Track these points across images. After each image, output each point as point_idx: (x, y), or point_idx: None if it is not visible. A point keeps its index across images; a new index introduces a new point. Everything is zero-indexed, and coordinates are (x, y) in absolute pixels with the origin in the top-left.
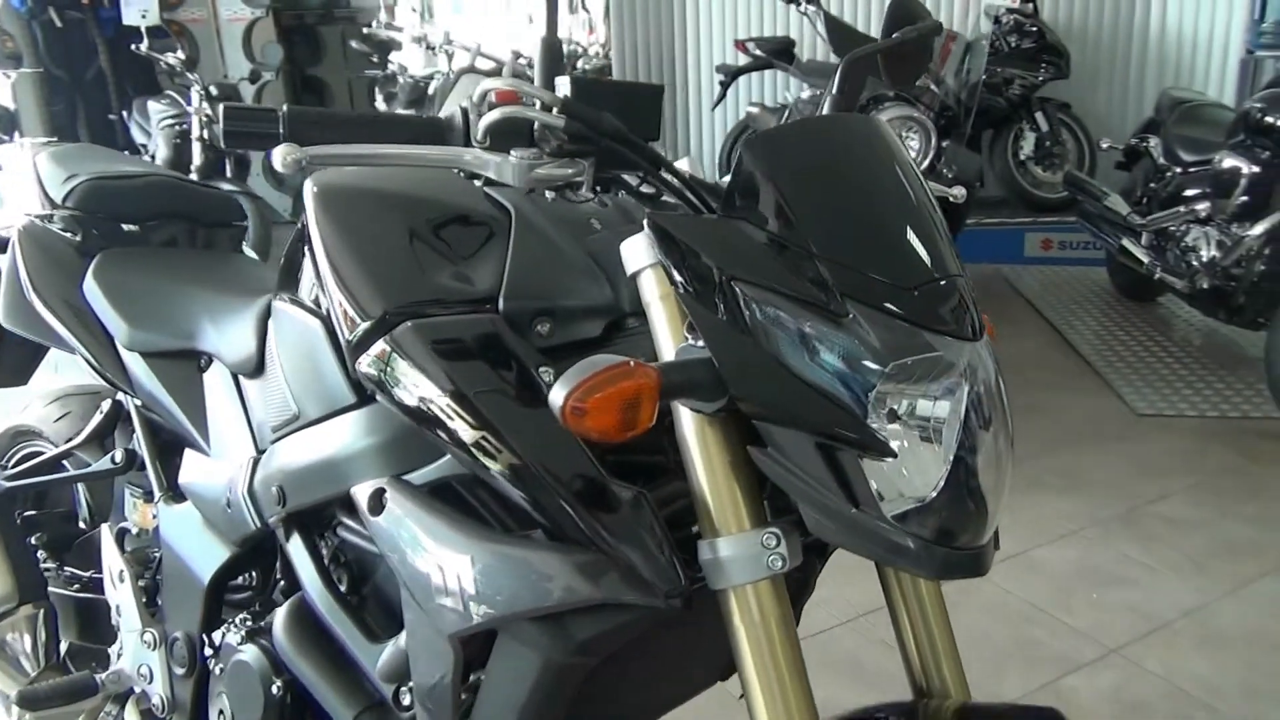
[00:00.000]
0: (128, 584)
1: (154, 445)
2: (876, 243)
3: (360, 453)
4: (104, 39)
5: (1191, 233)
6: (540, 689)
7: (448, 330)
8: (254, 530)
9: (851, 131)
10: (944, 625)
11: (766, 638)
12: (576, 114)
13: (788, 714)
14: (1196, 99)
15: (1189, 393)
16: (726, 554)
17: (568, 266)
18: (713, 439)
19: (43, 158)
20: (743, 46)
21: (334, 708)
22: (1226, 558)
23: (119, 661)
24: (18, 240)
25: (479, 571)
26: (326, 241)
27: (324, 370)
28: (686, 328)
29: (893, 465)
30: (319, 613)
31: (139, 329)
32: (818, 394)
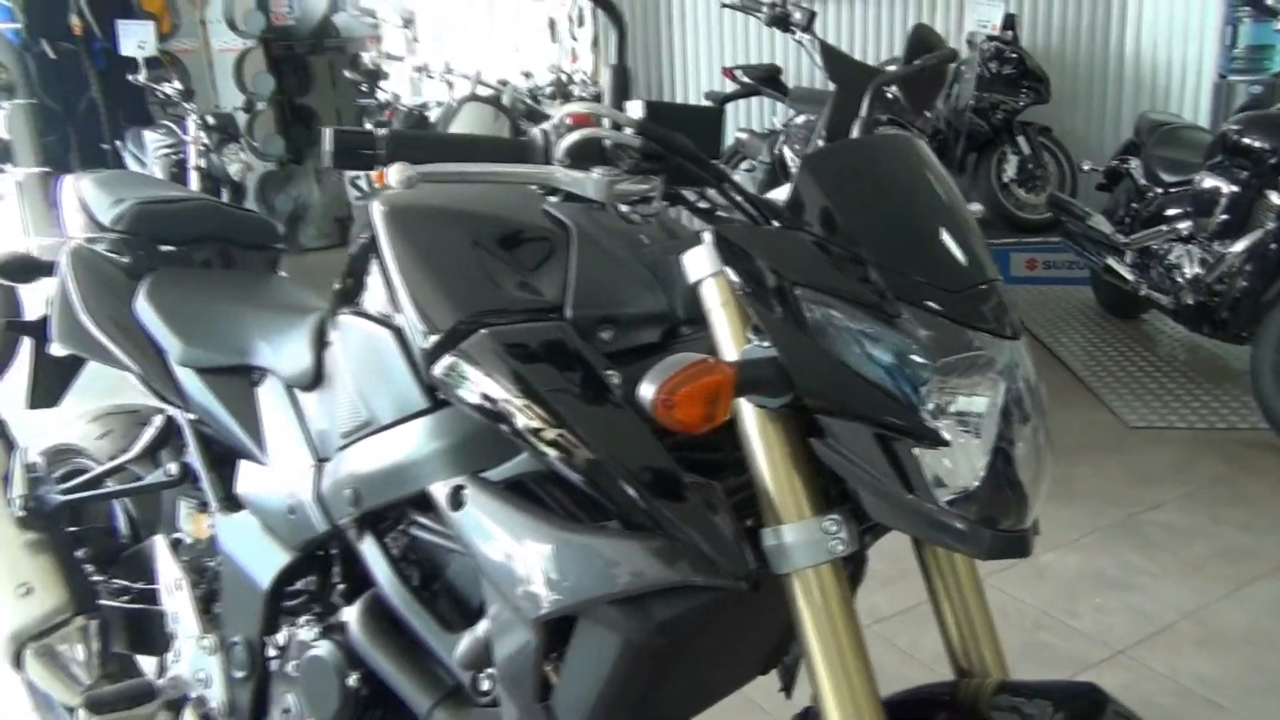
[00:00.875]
0: (185, 592)
1: (207, 458)
2: (923, 249)
3: (436, 453)
4: (96, 70)
5: (1175, 251)
6: (620, 669)
7: (520, 337)
8: (319, 534)
9: (896, 149)
10: (982, 608)
11: (829, 618)
12: (652, 134)
13: (850, 689)
14: (1175, 122)
15: (1178, 405)
16: (790, 540)
17: (628, 277)
18: (774, 433)
19: (86, 184)
20: (730, 74)
21: (411, 697)
22: (1223, 562)
23: (175, 667)
24: (68, 262)
25: (561, 559)
26: (398, 257)
27: (396, 377)
28: (750, 330)
29: (940, 455)
30: (393, 607)
31: (192, 346)
32: (874, 388)
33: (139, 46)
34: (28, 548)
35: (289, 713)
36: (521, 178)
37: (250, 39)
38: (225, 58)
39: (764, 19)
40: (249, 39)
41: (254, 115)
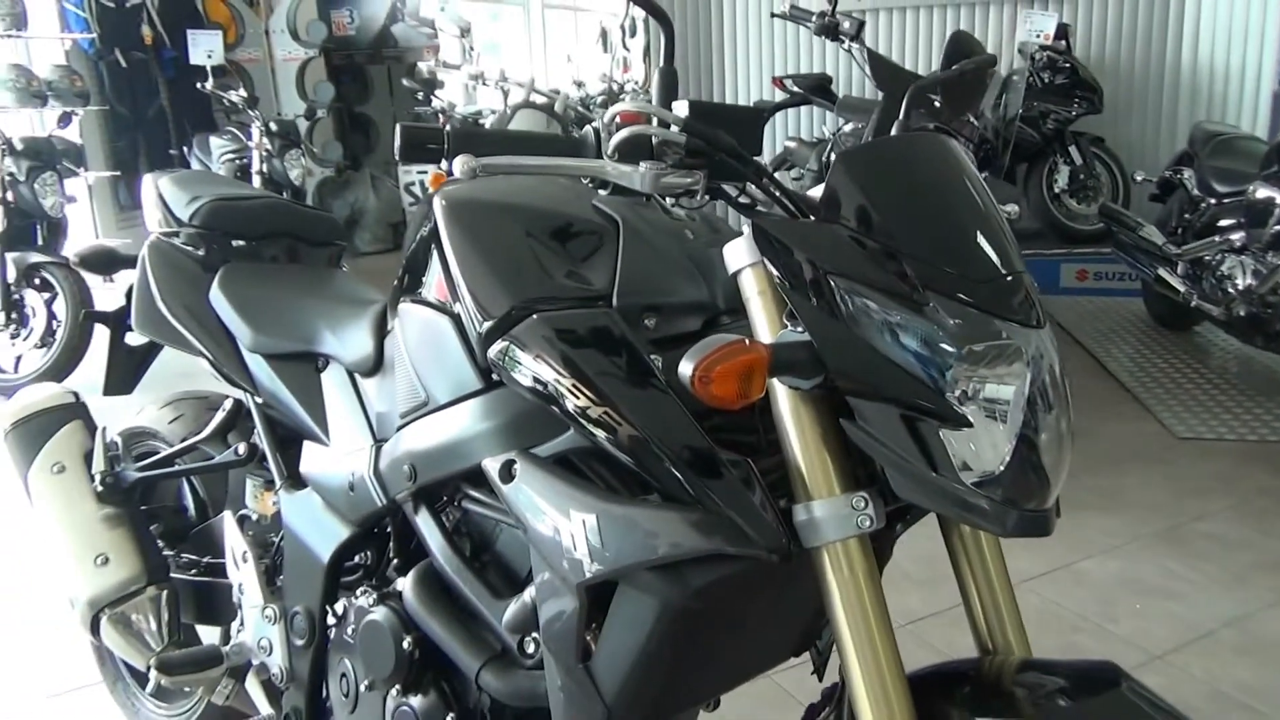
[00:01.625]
0: (251, 564)
1: (273, 438)
2: (952, 243)
3: (489, 430)
4: (165, 78)
5: (1227, 261)
6: (657, 631)
7: (569, 322)
8: (377, 508)
9: (928, 148)
10: (1006, 587)
11: (856, 591)
12: (696, 132)
13: (875, 660)
14: (1229, 132)
15: (1228, 417)
16: (820, 514)
17: (671, 269)
18: (806, 414)
19: (165, 182)
20: (780, 83)
21: (461, 659)
22: (1268, 573)
23: (240, 635)
24: (147, 255)
25: (604, 528)
26: (456, 247)
27: (452, 360)
28: (786, 316)
29: (966, 439)
30: (446, 575)
31: (262, 334)
32: (903, 372)
33: (207, 55)
34: (105, 521)
35: (346, 677)
36: (574, 170)
37: (312, 49)
38: (288, 67)
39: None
40: (311, 49)
41: (314, 123)
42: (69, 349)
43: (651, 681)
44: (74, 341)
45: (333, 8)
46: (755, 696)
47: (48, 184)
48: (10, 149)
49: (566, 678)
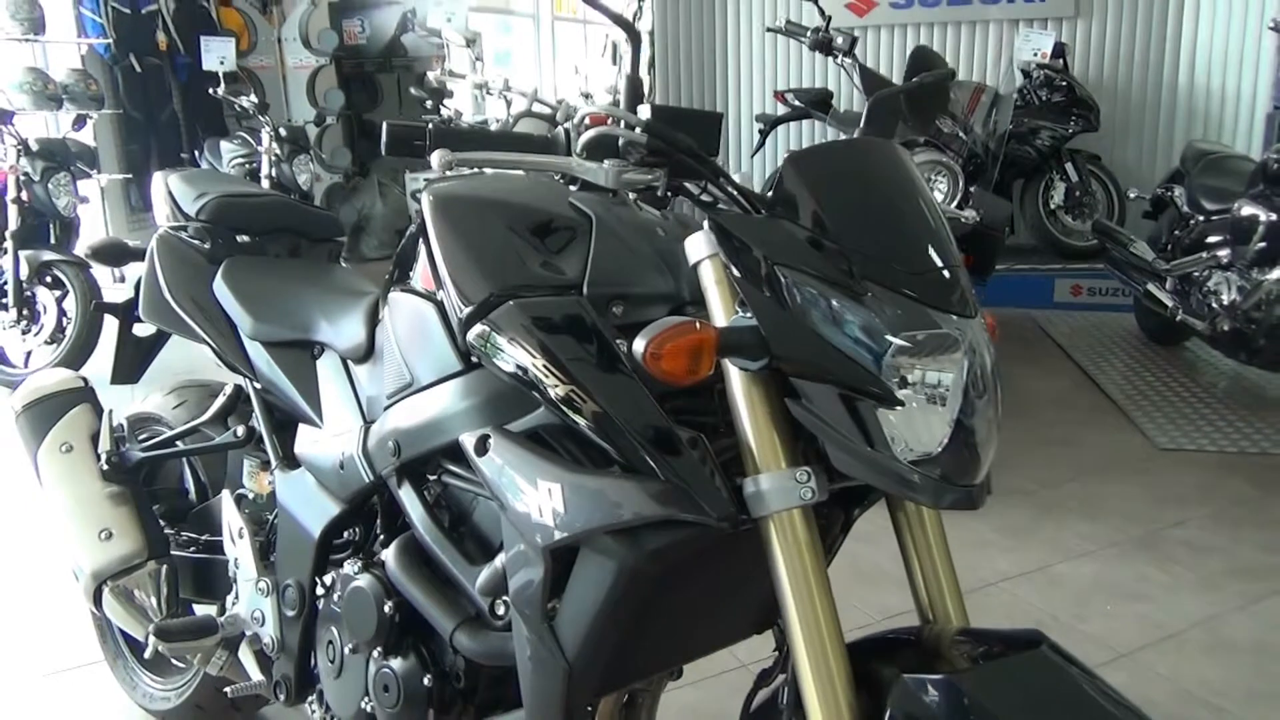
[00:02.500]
0: (246, 540)
1: (270, 422)
2: (892, 238)
3: (467, 408)
4: (178, 84)
5: (1213, 278)
6: (615, 591)
7: (542, 309)
8: (365, 485)
9: (872, 150)
10: (946, 560)
11: (799, 558)
12: (657, 133)
13: (815, 622)
14: (1220, 151)
15: (1210, 429)
16: (766, 487)
17: (639, 261)
18: (755, 394)
19: (174, 179)
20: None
21: (438, 621)
22: (1238, 578)
23: (235, 607)
24: (156, 248)
25: (568, 496)
26: (441, 239)
27: (435, 344)
28: (738, 304)
29: (905, 421)
30: (426, 544)
31: (262, 323)
32: (842, 355)
33: (220, 61)
34: (110, 498)
35: (332, 644)
36: (544, 166)
37: (323, 57)
38: (299, 74)
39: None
40: (322, 57)
41: (323, 129)
42: (78, 345)
43: (609, 640)
44: (83, 337)
45: (344, 17)
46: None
47: (61, 184)
48: (26, 149)
49: (532, 636)
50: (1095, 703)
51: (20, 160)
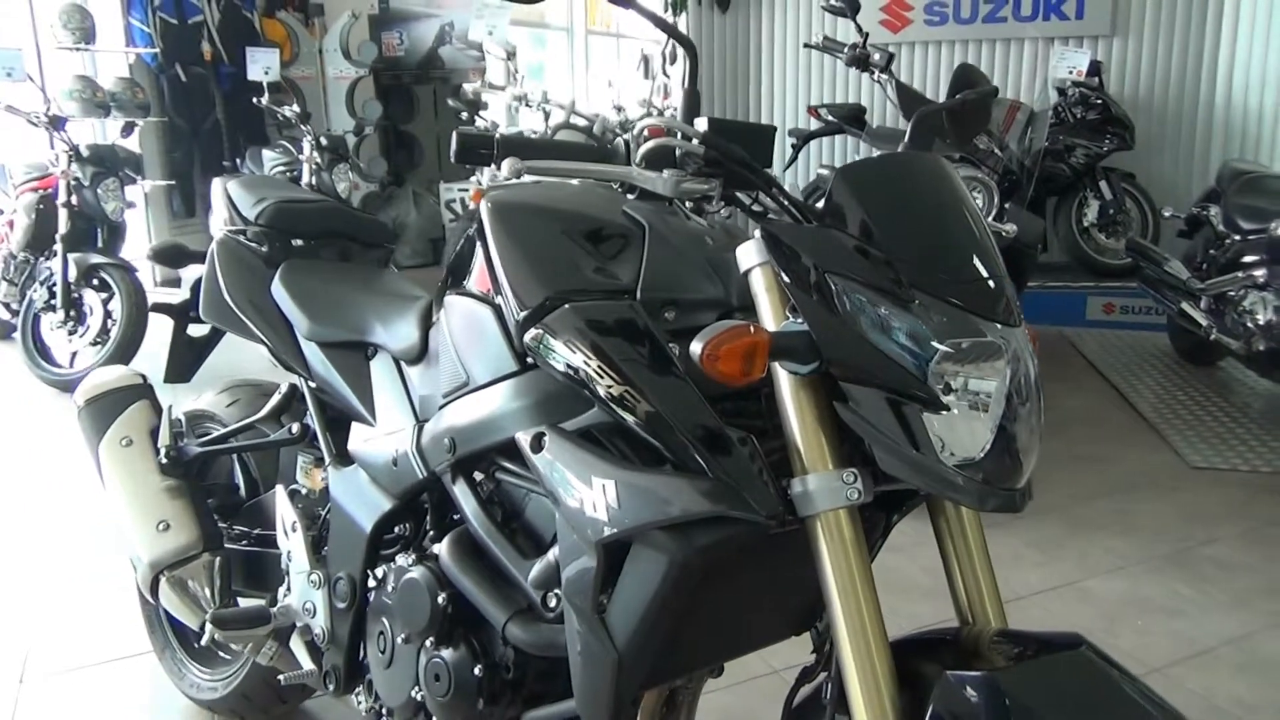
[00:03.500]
0: (299, 534)
1: (324, 419)
2: (940, 249)
3: (522, 407)
4: (221, 93)
5: (1249, 297)
6: (665, 585)
7: (597, 312)
8: (418, 481)
9: (919, 165)
10: (985, 562)
11: (844, 557)
12: (713, 144)
13: (860, 621)
14: (1257, 170)
15: (1243, 449)
16: (814, 487)
17: (691, 268)
18: (804, 397)
19: (233, 185)
20: (815, 112)
21: (490, 612)
22: (1270, 597)
23: (287, 599)
24: (216, 250)
25: (621, 493)
26: (499, 244)
27: (491, 345)
28: (789, 310)
29: (949, 426)
30: (479, 538)
31: (318, 324)
32: (890, 361)
33: (264, 72)
34: (167, 491)
35: (383, 635)
36: (606, 175)
37: (363, 68)
38: (339, 85)
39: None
40: (361, 68)
41: (361, 139)
42: (123, 345)
43: (658, 633)
44: (128, 338)
45: (384, 29)
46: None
47: (110, 189)
48: (77, 155)
49: (583, 628)
50: (1135, 703)
51: (71, 165)
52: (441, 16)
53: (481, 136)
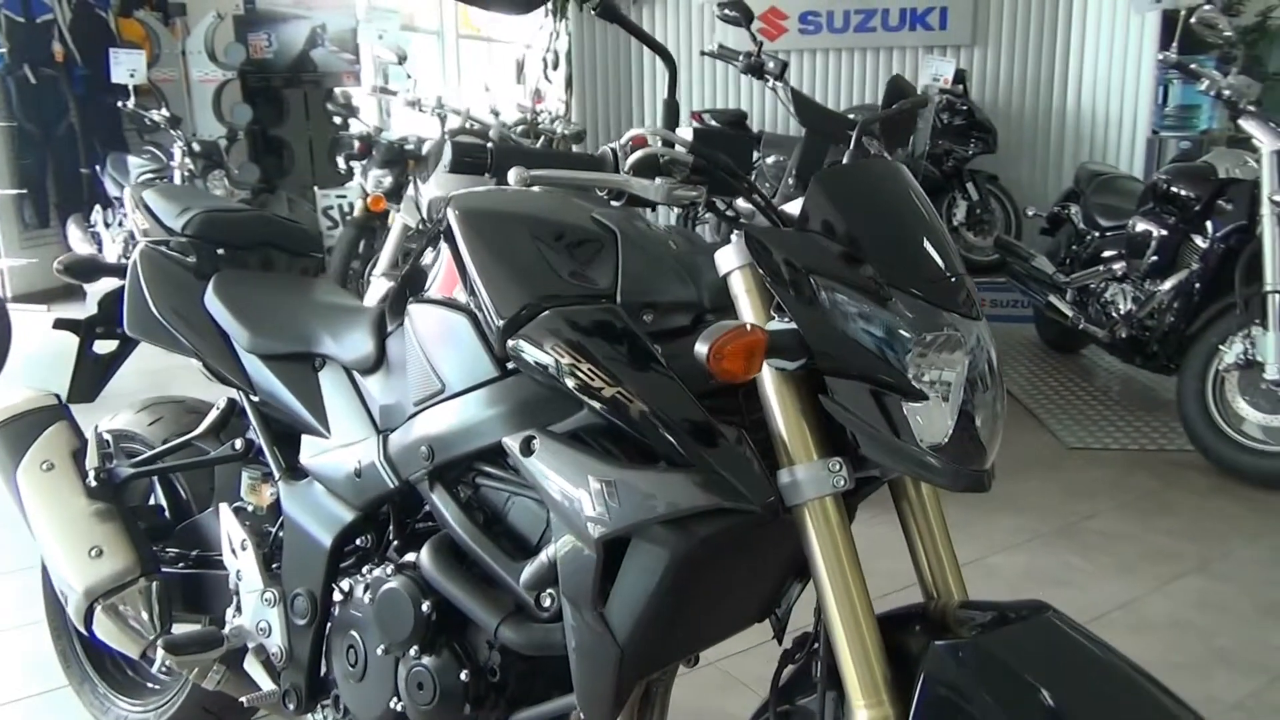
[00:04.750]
0: (250, 552)
1: (269, 434)
2: (908, 248)
3: (506, 412)
4: (75, 96)
5: (1110, 289)
6: (666, 578)
7: (582, 316)
8: (387, 490)
9: (884, 170)
10: (947, 543)
11: (833, 543)
12: (701, 153)
13: (849, 600)
14: (1111, 172)
15: (1113, 429)
16: (802, 476)
17: (665, 272)
18: (788, 392)
19: (150, 194)
20: (698, 117)
21: (481, 617)
22: (1151, 562)
23: (237, 620)
24: (139, 262)
25: (620, 490)
26: (473, 251)
27: (468, 352)
28: (773, 308)
29: (920, 414)
30: (464, 543)
31: (260, 336)
32: (871, 354)
33: (129, 74)
34: (97, 515)
35: (354, 649)
36: (604, 183)
37: (230, 70)
38: (204, 88)
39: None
40: (228, 70)
41: (230, 144)
42: None
43: (658, 624)
44: None
45: (251, 31)
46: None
47: None
48: None
49: (584, 624)
50: (1104, 659)
51: None
52: (312, 18)
53: (475, 147)
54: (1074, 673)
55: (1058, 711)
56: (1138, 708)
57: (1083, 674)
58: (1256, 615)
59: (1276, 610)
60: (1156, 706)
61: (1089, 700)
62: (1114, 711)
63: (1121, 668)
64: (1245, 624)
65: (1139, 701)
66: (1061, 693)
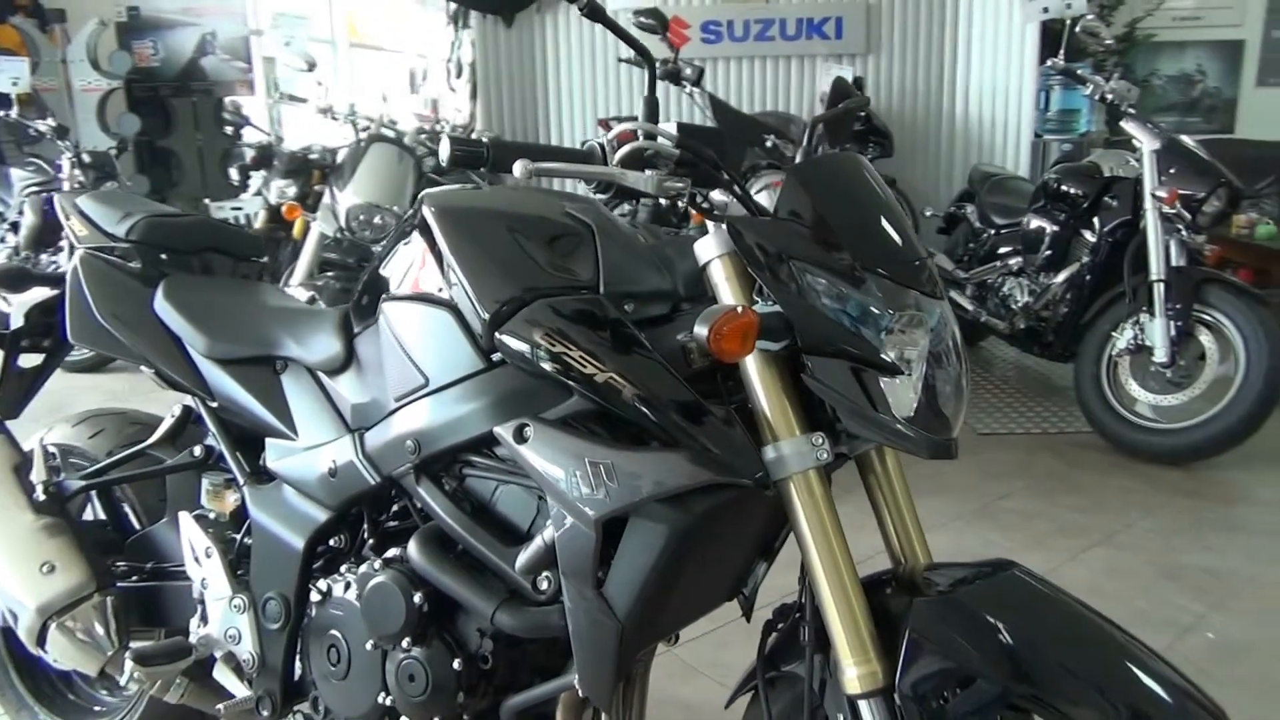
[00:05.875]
0: (216, 559)
1: (229, 439)
2: (876, 234)
3: (494, 402)
4: None
5: (1007, 283)
6: (666, 552)
7: (570, 305)
8: (367, 488)
9: (849, 163)
10: (911, 509)
11: (818, 514)
12: (688, 147)
13: (837, 568)
14: (1002, 173)
15: (1017, 415)
16: (787, 451)
17: (641, 263)
18: (769, 372)
19: (85, 200)
20: (605, 124)
21: (476, 605)
22: (1062, 536)
23: (204, 629)
24: (80, 269)
25: (618, 471)
26: (454, 246)
27: (452, 345)
28: (756, 291)
29: (891, 388)
30: (455, 533)
31: (218, 341)
32: (850, 333)
33: (12, 83)
34: (46, 530)
35: (335, 648)
36: (600, 175)
37: (115, 79)
38: (86, 97)
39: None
40: (114, 79)
41: (118, 155)
42: None
43: (657, 599)
44: None
45: (135, 38)
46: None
47: None
48: None
49: (584, 603)
50: (1070, 606)
51: None
52: (202, 25)
53: (473, 143)
54: (1043, 619)
55: (1031, 654)
56: (1098, 642)
57: (1051, 620)
58: (1160, 579)
59: (1176, 573)
60: (1112, 641)
61: (1059, 641)
62: (1081, 648)
63: (1081, 611)
64: (1151, 587)
65: (1099, 636)
66: (1034, 637)
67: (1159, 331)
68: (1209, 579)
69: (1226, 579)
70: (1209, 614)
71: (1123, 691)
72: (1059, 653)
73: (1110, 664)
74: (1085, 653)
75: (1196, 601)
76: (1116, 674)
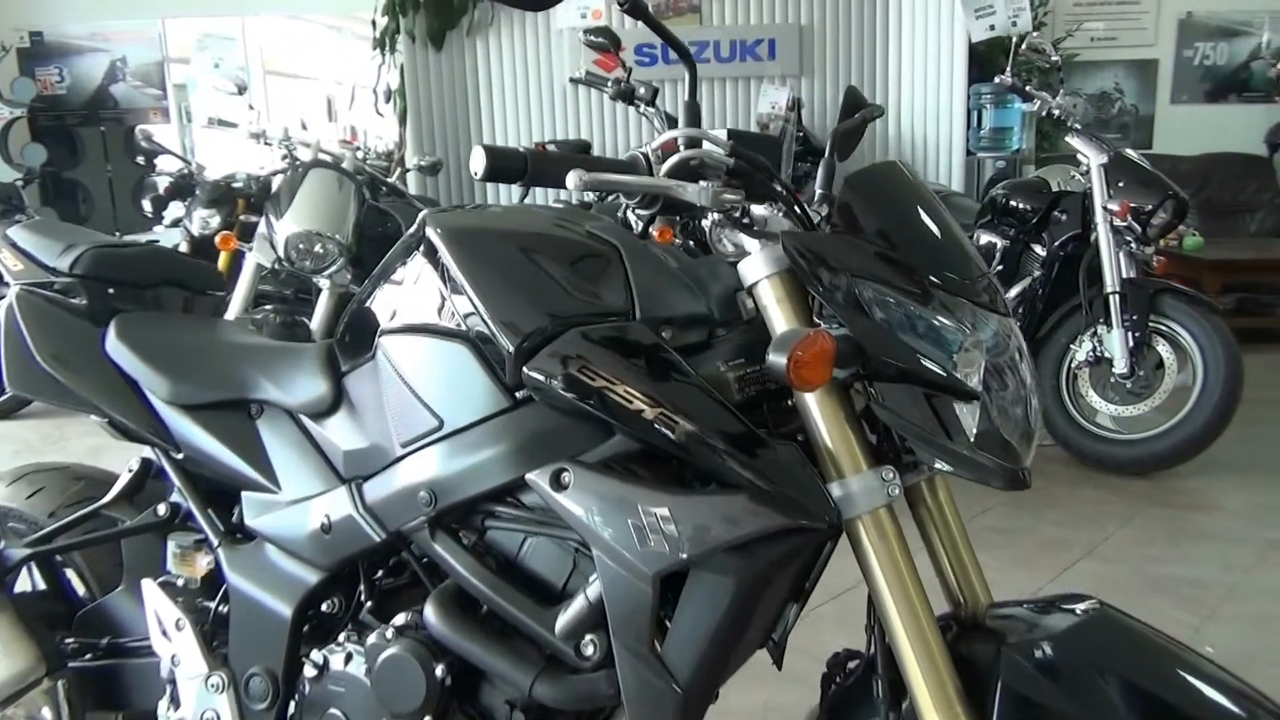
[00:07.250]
0: (187, 631)
1: (199, 495)
2: (941, 250)
3: (523, 445)
4: None
5: None
6: (735, 607)
7: (607, 334)
8: (370, 545)
9: (897, 173)
10: (967, 544)
11: (892, 554)
12: (742, 155)
13: (914, 613)
14: (944, 189)
15: None
16: (856, 489)
17: (675, 286)
18: (831, 402)
19: (17, 232)
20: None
21: (509, 675)
22: (1045, 552)
23: (176, 712)
24: (16, 307)
25: (678, 518)
26: (470, 272)
27: (471, 382)
28: (817, 314)
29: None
30: (481, 594)
31: (182, 384)
32: (924, 357)
33: None
34: None
35: None
36: (652, 188)
37: (18, 108)
38: None
39: (610, 94)
40: (17, 108)
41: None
42: None
43: (721, 659)
44: None
45: (39, 65)
46: None
47: None
48: None
49: (640, 668)
50: (1172, 649)
51: None
52: (111, 50)
53: (510, 153)
54: (1141, 664)
55: (1135, 703)
56: (1201, 685)
57: (1149, 664)
58: (1149, 592)
59: (1161, 583)
60: (1219, 683)
61: (1162, 688)
62: (1185, 693)
63: (1179, 652)
64: (1142, 601)
65: (1201, 679)
66: (1135, 684)
67: (1118, 343)
68: (1195, 590)
69: (1210, 588)
70: (1204, 625)
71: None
72: (1163, 701)
73: (1219, 711)
74: (1188, 695)
75: (1190, 614)
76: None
